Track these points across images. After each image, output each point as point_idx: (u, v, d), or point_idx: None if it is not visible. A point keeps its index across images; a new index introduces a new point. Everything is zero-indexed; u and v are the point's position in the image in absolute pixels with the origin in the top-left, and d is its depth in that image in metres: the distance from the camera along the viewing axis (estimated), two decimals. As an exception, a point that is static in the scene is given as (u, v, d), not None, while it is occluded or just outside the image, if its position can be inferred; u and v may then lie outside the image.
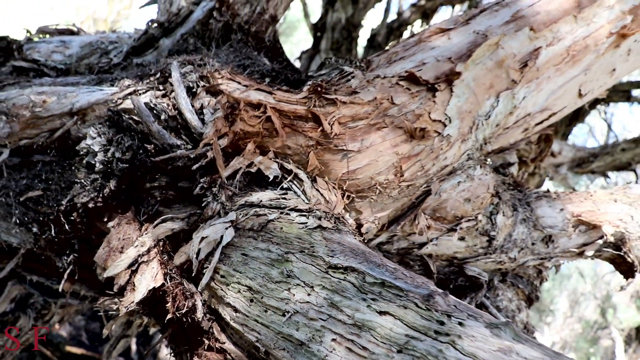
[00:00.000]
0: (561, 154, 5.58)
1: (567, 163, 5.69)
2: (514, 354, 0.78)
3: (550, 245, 1.82)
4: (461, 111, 1.55)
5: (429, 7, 9.13)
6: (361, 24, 8.75)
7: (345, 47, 8.34)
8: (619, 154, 5.75)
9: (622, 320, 12.82)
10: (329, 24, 8.47)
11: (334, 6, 8.42)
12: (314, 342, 0.93)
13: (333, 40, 8.37)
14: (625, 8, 1.92)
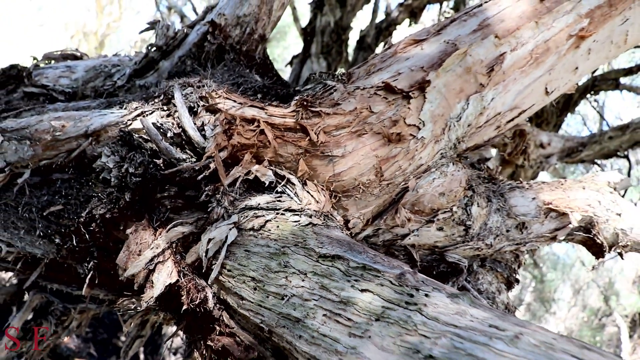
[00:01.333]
0: (550, 145, 5.78)
1: (556, 154, 5.89)
2: (468, 315, 0.99)
3: (524, 232, 2.02)
4: (434, 115, 1.76)
5: (417, 5, 9.27)
6: (350, 27, 8.85)
7: (336, 50, 8.47)
8: (606, 142, 5.95)
9: (626, 306, 13.03)
10: (318, 28, 8.58)
11: (322, 10, 8.54)
12: (308, 318, 1.14)
13: (323, 43, 8.48)
14: (582, 12, 2.13)
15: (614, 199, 2.23)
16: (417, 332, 0.98)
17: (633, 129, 5.86)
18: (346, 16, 8.62)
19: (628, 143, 5.98)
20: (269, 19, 2.21)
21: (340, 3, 8.58)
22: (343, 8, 8.58)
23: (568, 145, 6.01)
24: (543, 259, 16.22)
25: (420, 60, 1.88)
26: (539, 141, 5.61)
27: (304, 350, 1.11)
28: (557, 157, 5.92)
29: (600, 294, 14.86)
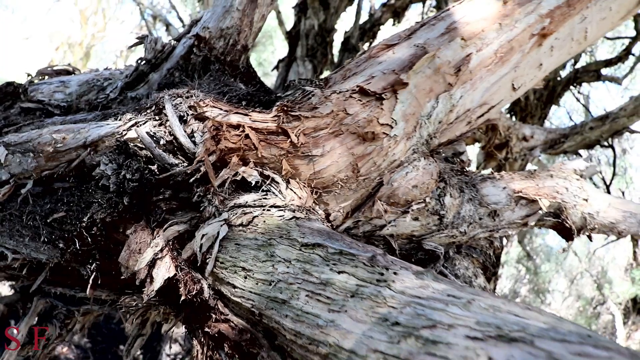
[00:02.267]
0: (533, 137, 5.95)
1: (540, 146, 6.06)
2: (430, 288, 1.15)
3: (496, 219, 2.19)
4: (405, 114, 1.92)
5: (399, 5, 9.41)
6: (334, 29, 8.96)
7: (321, 53, 8.59)
8: (587, 132, 6.14)
9: (619, 294, 13.25)
10: (302, 31, 8.68)
11: (306, 13, 8.65)
12: (293, 299, 1.29)
13: (308, 46, 8.59)
14: (542, 12, 2.30)
15: (581, 186, 2.40)
16: (386, 304, 1.13)
17: (612, 119, 6.05)
18: (330, 18, 8.73)
19: (608, 133, 6.17)
20: (250, 30, 2.37)
21: (323, 6, 8.68)
22: (326, 11, 8.68)
23: (551, 137, 6.19)
24: (536, 250, 16.45)
25: (392, 64, 2.04)
26: (522, 134, 5.78)
27: (290, 327, 1.27)
28: (540, 149, 6.09)
29: (593, 283, 15.08)
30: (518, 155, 5.80)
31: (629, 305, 12.93)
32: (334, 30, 8.89)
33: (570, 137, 6.19)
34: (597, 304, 14.88)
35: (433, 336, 1.00)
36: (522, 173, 2.39)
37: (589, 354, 0.83)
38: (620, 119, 6.00)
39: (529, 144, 5.95)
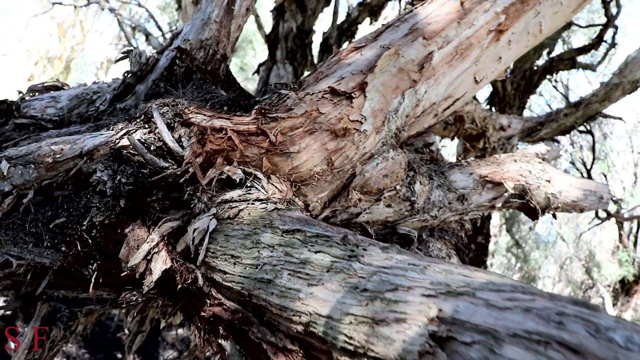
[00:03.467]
0: (510, 126, 6.18)
1: (517, 134, 6.29)
2: (394, 259, 1.34)
3: (465, 203, 2.39)
4: (374, 110, 2.12)
5: (376, 4, 9.58)
6: (313, 30, 9.10)
7: (300, 54, 8.75)
8: (562, 119, 6.37)
9: (607, 276, 13.56)
10: (281, 34, 8.82)
11: (284, 17, 8.78)
12: (277, 278, 1.48)
13: (287, 49, 8.73)
14: (498, 10, 2.50)
15: (543, 168, 2.60)
16: (356, 275, 1.33)
17: (585, 104, 6.29)
18: (307, 20, 8.88)
19: (582, 118, 6.42)
20: (228, 40, 2.56)
21: (300, 8, 8.82)
22: (304, 13, 8.81)
23: (527, 126, 6.42)
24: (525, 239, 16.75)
25: (360, 65, 2.23)
26: (499, 124, 6.00)
27: (276, 303, 1.46)
28: (518, 138, 6.32)
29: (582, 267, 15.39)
30: (496, 144, 6.02)
31: (617, 287, 13.24)
32: (312, 31, 9.04)
33: (546, 124, 6.42)
34: (586, 287, 15.19)
35: (395, 297, 1.19)
36: (488, 159, 2.59)
37: (517, 298, 1.03)
38: (593, 105, 6.24)
39: (507, 133, 6.17)
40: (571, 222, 17.17)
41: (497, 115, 6.06)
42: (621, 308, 12.83)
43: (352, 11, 9.70)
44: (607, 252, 15.05)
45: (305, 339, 1.42)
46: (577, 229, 15.80)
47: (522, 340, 0.92)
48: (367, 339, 1.18)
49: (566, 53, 8.38)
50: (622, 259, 12.63)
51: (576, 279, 16.17)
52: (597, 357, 0.83)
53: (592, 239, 15.88)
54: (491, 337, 0.97)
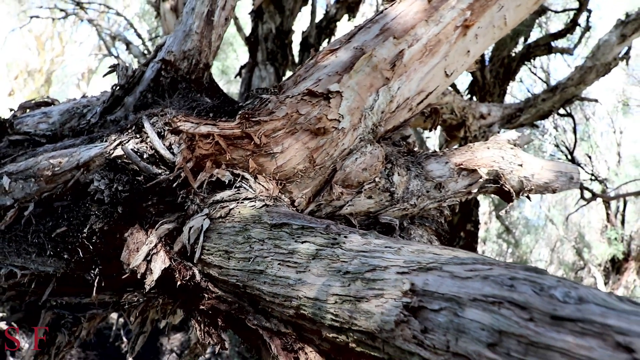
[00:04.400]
0: (490, 114, 6.36)
1: (497, 122, 6.47)
2: (372, 244, 1.49)
3: (442, 190, 2.55)
4: (351, 109, 2.27)
5: (353, 0, 9.70)
6: (292, 30, 9.21)
7: (281, 55, 8.87)
8: (540, 104, 6.56)
9: (597, 256, 13.81)
10: (261, 36, 8.91)
11: (262, 18, 8.87)
12: (268, 268, 1.63)
13: (268, 50, 8.83)
14: (464, 6, 2.65)
15: (515, 153, 2.77)
16: (339, 260, 1.48)
17: (562, 89, 6.48)
18: (286, 21, 8.99)
19: (559, 102, 6.61)
20: (209, 50, 2.71)
21: (278, 9, 8.91)
22: (282, 14, 8.91)
23: (507, 113, 6.61)
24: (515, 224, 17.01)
25: (336, 66, 2.39)
26: (479, 113, 6.18)
27: (268, 291, 1.61)
28: (498, 125, 6.51)
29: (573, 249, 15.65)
30: (477, 132, 6.20)
31: (608, 266, 13.49)
32: (291, 31, 9.15)
33: (525, 110, 6.60)
34: (578, 268, 15.44)
35: (373, 276, 1.35)
36: (462, 148, 2.76)
37: (477, 268, 1.19)
38: (569, 89, 6.43)
39: (487, 121, 6.34)
40: (559, 205, 17.46)
41: (476, 104, 6.24)
42: (613, 286, 13.08)
43: (330, 9, 9.81)
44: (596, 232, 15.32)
45: (297, 322, 1.57)
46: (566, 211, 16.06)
47: (481, 303, 1.08)
48: (350, 315, 1.34)
49: (542, 39, 8.58)
50: (611, 238, 12.88)
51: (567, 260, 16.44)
52: (540, 310, 0.99)
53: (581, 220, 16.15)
54: (455, 303, 1.12)
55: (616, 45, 6.14)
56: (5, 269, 2.34)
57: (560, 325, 0.96)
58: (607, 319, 0.93)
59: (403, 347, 1.19)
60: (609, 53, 6.15)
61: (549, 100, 6.55)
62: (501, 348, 1.00)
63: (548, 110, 6.63)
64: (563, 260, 16.70)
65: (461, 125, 5.84)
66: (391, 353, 1.24)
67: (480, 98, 8.55)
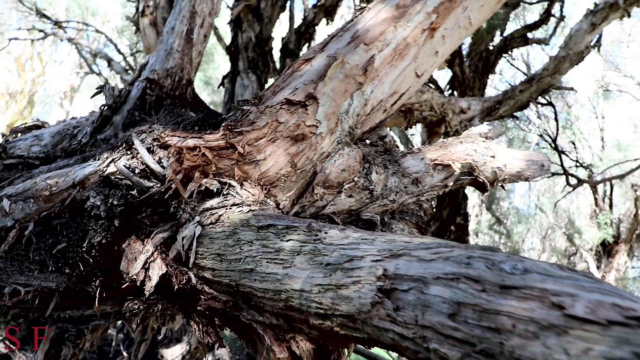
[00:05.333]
0: (470, 108, 6.54)
1: (478, 115, 6.66)
2: (350, 237, 1.66)
3: (419, 185, 2.72)
4: (327, 114, 2.44)
5: (330, 4, 9.86)
6: (271, 37, 9.34)
7: (262, 63, 9.00)
8: (518, 95, 6.76)
9: (588, 241, 14.06)
10: (241, 45, 9.03)
11: (241, 27, 8.99)
12: (258, 267, 1.79)
13: (249, 59, 8.94)
14: (429, 10, 2.83)
15: (487, 146, 2.94)
16: (320, 254, 1.64)
17: (538, 79, 6.68)
18: (265, 28, 9.12)
19: (537, 93, 6.81)
20: (191, 66, 2.87)
21: (257, 17, 9.04)
22: (260, 22, 9.04)
23: (486, 106, 6.80)
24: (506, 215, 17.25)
25: (311, 75, 2.55)
26: (459, 108, 6.37)
27: (258, 287, 1.77)
28: (479, 119, 6.69)
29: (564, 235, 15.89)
30: (458, 127, 6.38)
31: (599, 249, 13.74)
32: (271, 39, 9.28)
33: (504, 102, 6.80)
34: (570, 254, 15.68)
35: (351, 265, 1.52)
36: (437, 144, 2.93)
37: (441, 251, 1.35)
38: (545, 79, 6.63)
39: (467, 115, 6.53)
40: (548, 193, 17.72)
41: (456, 100, 6.43)
42: (605, 270, 13.32)
43: (308, 14, 9.96)
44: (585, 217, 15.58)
45: (287, 313, 1.73)
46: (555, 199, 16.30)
47: (442, 280, 1.25)
48: (333, 302, 1.50)
49: (517, 31, 8.78)
50: (601, 222, 13.12)
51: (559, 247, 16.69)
52: (491, 282, 1.16)
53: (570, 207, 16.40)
54: (421, 282, 1.29)
55: (587, 34, 6.35)
56: (9, 287, 2.47)
57: (507, 293, 1.13)
58: (545, 284, 1.10)
59: (379, 325, 1.35)
60: (581, 42, 6.36)
61: (527, 91, 6.74)
62: (460, 317, 1.16)
63: (526, 101, 6.83)
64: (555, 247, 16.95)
65: (441, 121, 6.02)
66: (370, 332, 1.40)
67: (460, 93, 8.75)
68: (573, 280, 1.11)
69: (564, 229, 15.68)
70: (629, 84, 14.32)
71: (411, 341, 1.27)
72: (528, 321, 1.06)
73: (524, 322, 1.06)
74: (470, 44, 9.21)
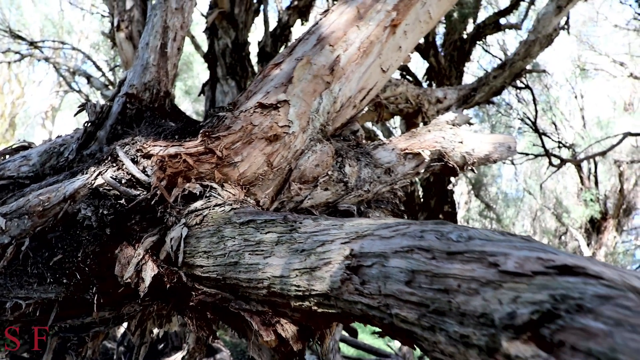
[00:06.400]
0: (447, 97, 6.73)
1: (454, 104, 6.85)
2: (322, 225, 1.83)
3: (392, 175, 2.90)
4: (298, 114, 2.61)
5: (303, 5, 10.01)
6: (247, 42, 9.48)
7: (240, 68, 9.14)
8: (492, 81, 6.96)
9: (577, 219, 14.32)
10: (218, 52, 9.16)
11: (217, 34, 9.12)
12: (241, 259, 1.96)
13: (227, 65, 9.07)
14: (389, 8, 3.01)
15: (455, 132, 3.13)
16: (296, 242, 1.82)
17: (510, 64, 6.88)
18: (241, 34, 9.26)
19: (510, 77, 7.02)
20: (167, 79, 3.04)
21: (231, 24, 9.16)
22: (235, 28, 9.17)
23: (462, 94, 6.99)
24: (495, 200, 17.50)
25: (281, 78, 2.73)
26: (435, 98, 6.55)
27: (243, 277, 1.94)
28: (455, 107, 6.88)
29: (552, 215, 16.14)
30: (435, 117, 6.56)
31: (588, 227, 14.00)
32: (247, 44, 9.41)
33: (479, 89, 6.99)
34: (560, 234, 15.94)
35: (322, 249, 1.69)
36: (407, 134, 3.11)
37: (399, 229, 1.53)
38: (516, 63, 6.84)
39: (444, 104, 6.72)
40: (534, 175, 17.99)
41: (431, 90, 6.61)
42: (595, 246, 13.58)
43: (282, 16, 10.11)
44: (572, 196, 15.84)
45: (271, 299, 1.90)
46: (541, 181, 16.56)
47: (399, 253, 1.43)
48: (309, 283, 1.68)
49: (489, 18, 8.99)
50: (587, 200, 13.38)
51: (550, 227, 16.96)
52: (439, 250, 1.34)
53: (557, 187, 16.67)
54: (382, 257, 1.47)
55: (554, 17, 6.55)
56: (10, 302, 2.62)
57: (453, 258, 1.31)
58: (485, 247, 1.28)
59: (349, 299, 1.53)
60: (549, 25, 6.56)
61: (500, 77, 6.95)
62: (415, 283, 1.34)
63: (500, 87, 7.04)
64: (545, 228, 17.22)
65: (418, 112, 6.20)
66: (342, 306, 1.58)
67: (438, 83, 8.94)
68: (508, 242, 1.29)
69: (552, 210, 15.94)
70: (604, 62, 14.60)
71: (377, 309, 1.45)
72: (470, 280, 1.24)
73: (467, 281, 1.24)
74: (444, 33, 9.41)
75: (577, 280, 1.09)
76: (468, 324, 1.20)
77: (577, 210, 14.23)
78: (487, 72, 7.23)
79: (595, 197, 13.23)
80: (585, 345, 0.95)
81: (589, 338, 0.95)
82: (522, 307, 1.09)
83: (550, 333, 1.02)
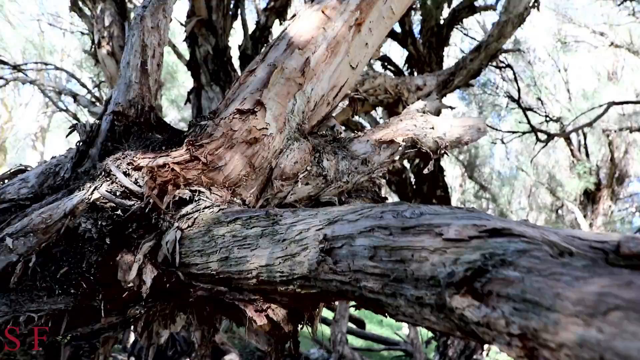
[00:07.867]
0: (426, 84, 6.95)
1: (435, 90, 7.07)
2: (300, 215, 2.05)
3: (368, 164, 3.12)
4: (275, 116, 2.83)
5: (279, 5, 10.21)
6: (228, 47, 9.66)
7: (223, 73, 9.34)
8: (469, 64, 7.18)
9: (571, 192, 14.56)
10: (200, 59, 9.35)
11: (197, 42, 9.30)
12: (232, 254, 2.18)
13: (210, 72, 9.26)
14: (352, 8, 3.22)
15: (426, 119, 3.35)
16: (278, 233, 2.04)
17: (485, 46, 7.10)
18: (221, 40, 9.45)
19: (486, 59, 7.24)
20: (150, 94, 3.26)
21: (210, 30, 9.35)
22: (215, 34, 9.36)
23: (441, 79, 7.21)
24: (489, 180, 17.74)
25: (256, 84, 2.94)
26: (415, 86, 6.77)
27: (235, 270, 2.17)
28: (436, 93, 7.10)
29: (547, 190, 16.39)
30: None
31: (583, 199, 14.25)
32: (228, 49, 9.60)
33: (457, 73, 7.21)
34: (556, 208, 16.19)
35: (301, 237, 1.92)
36: (380, 125, 3.33)
37: (364, 213, 1.75)
38: (491, 45, 7.06)
39: (424, 91, 6.94)
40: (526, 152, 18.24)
41: (410, 79, 6.84)
42: (592, 217, 13.83)
43: (260, 18, 10.30)
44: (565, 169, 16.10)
45: (260, 287, 2.13)
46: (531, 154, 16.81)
47: (364, 233, 1.65)
48: (291, 269, 1.90)
49: (463, 2, 9.21)
50: (580, 172, 13.62)
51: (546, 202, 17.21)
52: (395, 227, 1.56)
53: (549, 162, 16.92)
54: (350, 238, 1.69)
55: (524, -4, 6.78)
56: (24, 316, 2.84)
57: (407, 232, 1.53)
58: (432, 220, 1.51)
59: (325, 278, 1.75)
60: (520, 4, 6.78)
61: (477, 60, 7.17)
62: (377, 257, 1.56)
63: (478, 69, 7.26)
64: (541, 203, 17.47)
65: (398, 102, 6.43)
66: (320, 285, 1.80)
67: (419, 70, 9.16)
68: (452, 214, 1.52)
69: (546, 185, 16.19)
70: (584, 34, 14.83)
71: (349, 284, 1.67)
72: (421, 249, 1.47)
73: (419, 251, 1.47)
74: (420, 21, 9.62)
75: (504, 240, 1.31)
76: (421, 287, 1.43)
77: (570, 183, 14.47)
78: (464, 55, 7.45)
79: (588, 168, 13.48)
80: (505, 291, 1.17)
81: (507, 285, 1.17)
82: (460, 266, 1.31)
83: (481, 285, 1.24)
